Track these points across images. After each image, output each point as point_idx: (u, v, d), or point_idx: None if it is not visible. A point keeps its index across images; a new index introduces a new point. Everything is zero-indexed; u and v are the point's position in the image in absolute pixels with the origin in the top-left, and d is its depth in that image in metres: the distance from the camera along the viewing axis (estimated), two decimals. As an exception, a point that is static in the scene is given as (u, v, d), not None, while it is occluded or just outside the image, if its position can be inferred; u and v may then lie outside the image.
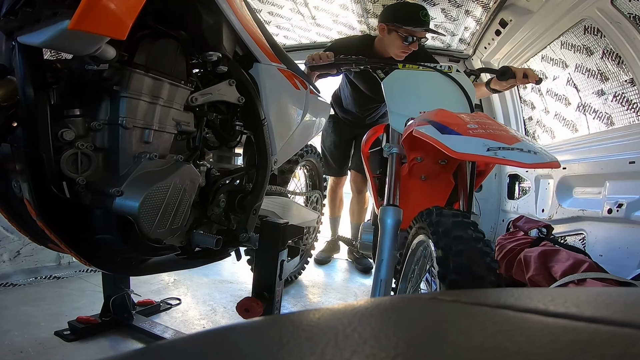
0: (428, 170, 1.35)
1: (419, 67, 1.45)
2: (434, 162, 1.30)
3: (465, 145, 0.85)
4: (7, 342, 1.26)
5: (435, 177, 1.38)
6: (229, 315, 1.71)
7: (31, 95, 0.76)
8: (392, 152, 1.29)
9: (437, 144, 0.89)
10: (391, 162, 1.27)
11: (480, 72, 1.56)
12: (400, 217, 1.15)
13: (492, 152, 0.82)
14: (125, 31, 0.71)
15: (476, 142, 0.85)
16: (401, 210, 1.16)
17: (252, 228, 1.25)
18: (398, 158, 1.28)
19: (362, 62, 1.48)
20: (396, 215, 1.15)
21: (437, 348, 0.18)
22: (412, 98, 1.39)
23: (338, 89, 2.57)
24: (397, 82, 1.43)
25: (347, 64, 1.50)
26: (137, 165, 0.91)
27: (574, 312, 0.22)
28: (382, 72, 1.47)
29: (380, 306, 0.23)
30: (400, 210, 1.16)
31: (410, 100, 1.38)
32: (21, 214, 0.93)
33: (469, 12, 2.43)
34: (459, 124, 0.93)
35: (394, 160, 1.27)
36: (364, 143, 1.77)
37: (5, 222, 0.97)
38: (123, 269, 1.04)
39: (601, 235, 1.86)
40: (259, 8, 2.70)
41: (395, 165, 1.26)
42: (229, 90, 1.14)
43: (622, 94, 1.80)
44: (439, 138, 0.89)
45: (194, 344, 0.19)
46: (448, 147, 0.86)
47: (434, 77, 1.42)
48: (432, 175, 1.37)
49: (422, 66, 1.45)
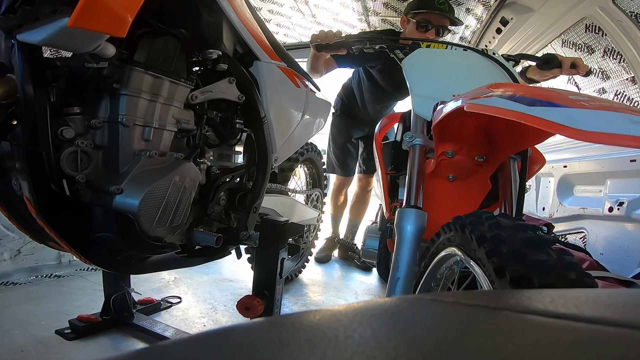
0: (459, 169, 1.11)
1: (447, 46, 1.21)
2: (469, 158, 1.05)
3: (599, 122, 0.53)
4: (7, 341, 1.26)
5: (467, 177, 1.14)
6: (230, 314, 1.71)
7: (31, 93, 0.76)
8: (414, 144, 1.05)
9: (535, 121, 0.57)
10: (413, 156, 1.04)
11: (519, 58, 1.33)
12: (424, 223, 0.94)
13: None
14: (125, 29, 0.71)
15: (618, 118, 0.53)
16: (425, 214, 0.95)
17: (253, 226, 1.25)
18: (422, 151, 1.04)
19: (377, 40, 1.29)
20: (420, 220, 0.93)
21: (438, 349, 0.18)
22: (441, 79, 1.14)
23: (349, 82, 2.46)
24: (421, 62, 1.19)
25: (361, 42, 1.30)
26: (137, 163, 0.91)
27: (574, 313, 0.22)
28: (402, 52, 1.26)
29: (380, 307, 0.23)
30: (424, 214, 0.94)
31: (439, 82, 1.12)
32: (21, 212, 0.93)
33: (469, 10, 2.42)
34: (552, 95, 0.61)
35: (417, 153, 1.04)
36: (377, 133, 1.57)
37: (6, 220, 0.97)
38: (123, 267, 1.04)
39: (602, 233, 1.86)
40: (259, 6, 2.69)
41: (419, 160, 1.03)
42: (229, 88, 1.13)
43: (623, 92, 1.80)
44: (534, 112, 0.57)
45: (194, 345, 0.19)
46: (564, 124, 0.54)
47: (467, 57, 1.19)
48: (463, 174, 1.13)
49: (451, 45, 1.21)
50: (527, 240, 0.61)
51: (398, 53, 1.27)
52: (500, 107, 0.63)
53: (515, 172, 1.02)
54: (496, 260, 0.60)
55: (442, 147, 1.04)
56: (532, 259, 0.57)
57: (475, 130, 0.98)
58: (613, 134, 0.51)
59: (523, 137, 0.90)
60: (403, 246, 0.91)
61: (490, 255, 0.62)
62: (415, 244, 0.92)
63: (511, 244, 0.61)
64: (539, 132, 0.79)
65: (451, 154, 1.04)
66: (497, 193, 1.07)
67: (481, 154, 1.04)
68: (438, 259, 0.86)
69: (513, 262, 0.58)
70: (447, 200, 1.16)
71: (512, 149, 0.99)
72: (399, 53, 1.26)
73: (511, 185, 1.01)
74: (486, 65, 1.15)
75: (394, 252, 0.94)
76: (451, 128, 0.85)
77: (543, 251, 0.59)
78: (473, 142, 0.88)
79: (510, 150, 1.00)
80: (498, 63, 1.15)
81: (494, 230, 0.65)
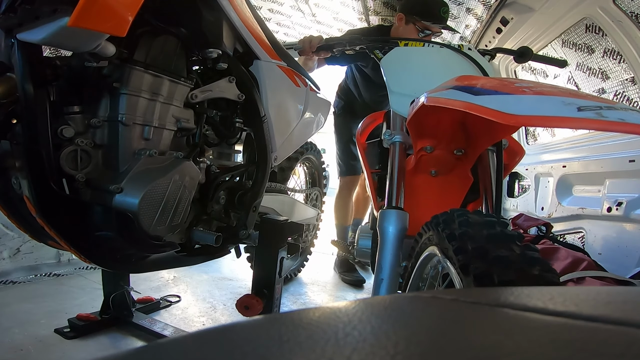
0: (440, 163, 1.11)
1: (424, 44, 1.23)
2: (448, 152, 1.06)
3: (531, 105, 0.54)
4: (7, 340, 1.26)
5: (449, 171, 1.14)
6: (229, 313, 1.72)
7: (30, 92, 0.76)
8: (394, 141, 1.06)
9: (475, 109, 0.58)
10: (393, 154, 1.05)
11: (495, 52, 1.36)
12: (406, 223, 0.94)
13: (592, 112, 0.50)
14: (125, 28, 0.71)
15: (550, 101, 0.54)
16: (407, 214, 0.94)
17: (252, 225, 1.25)
18: (402, 148, 1.06)
19: (356, 41, 1.30)
20: (400, 221, 0.93)
21: (437, 346, 0.18)
22: (417, 77, 1.15)
23: (344, 81, 2.47)
24: (398, 60, 1.20)
25: (340, 45, 1.32)
26: (136, 162, 0.91)
27: (573, 311, 0.22)
28: (381, 52, 1.27)
29: (380, 304, 0.23)
30: (405, 215, 0.94)
31: (415, 79, 1.14)
32: (21, 211, 0.93)
33: (470, 10, 2.42)
34: (500, 84, 0.64)
35: (396, 150, 1.05)
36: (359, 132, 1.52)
37: (5, 219, 0.97)
38: (123, 266, 1.04)
39: (600, 233, 1.86)
40: (259, 5, 2.69)
41: (399, 157, 1.04)
42: (229, 87, 1.13)
43: (623, 92, 1.80)
44: (476, 100, 0.60)
45: (193, 343, 0.19)
46: (498, 110, 0.55)
47: (442, 54, 1.20)
48: (444, 169, 1.13)
49: (428, 43, 1.23)
50: (491, 236, 0.61)
51: (377, 53, 1.29)
52: (451, 99, 0.65)
53: (494, 164, 1.03)
54: (462, 257, 0.61)
55: (421, 143, 1.05)
56: (494, 255, 0.57)
57: (451, 124, 0.98)
58: (541, 116, 0.52)
59: (495, 128, 0.91)
60: (385, 247, 0.91)
61: (457, 253, 0.62)
62: (398, 245, 0.91)
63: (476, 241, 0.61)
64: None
65: (430, 149, 1.05)
66: None
67: (459, 147, 1.04)
68: (422, 258, 0.85)
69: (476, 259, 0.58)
70: (431, 196, 1.16)
71: (487, 141, 0.99)
72: (378, 53, 1.28)
73: (490, 177, 1.03)
74: (459, 61, 1.17)
75: (377, 252, 0.93)
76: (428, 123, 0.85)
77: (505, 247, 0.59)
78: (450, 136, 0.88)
79: (486, 142, 1.00)
80: (472, 60, 1.17)
81: (462, 228, 0.65)
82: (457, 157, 1.07)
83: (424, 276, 0.88)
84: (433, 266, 0.84)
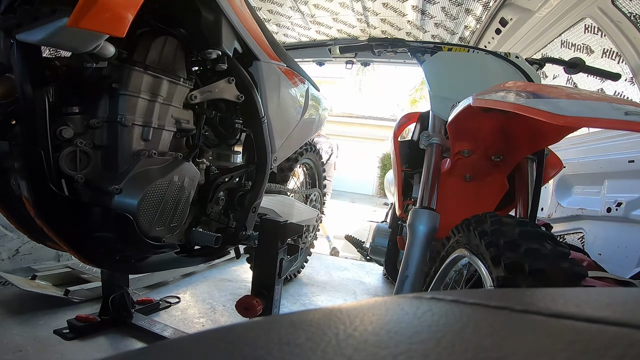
0: (476, 168, 1.10)
1: (469, 50, 1.22)
2: (485, 158, 1.05)
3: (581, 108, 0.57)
4: (6, 341, 1.26)
5: (484, 177, 1.13)
6: (228, 314, 1.71)
7: (30, 93, 0.76)
8: (431, 143, 1.07)
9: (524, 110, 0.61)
10: (430, 155, 1.06)
11: (545, 62, 1.32)
12: (437, 224, 0.95)
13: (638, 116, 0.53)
14: (125, 29, 0.71)
15: (600, 106, 0.57)
16: (438, 216, 0.96)
17: (252, 226, 1.25)
18: (439, 150, 1.06)
19: (399, 43, 1.30)
20: (432, 221, 0.94)
21: (438, 347, 0.18)
22: (459, 81, 1.15)
23: None
24: (440, 65, 1.21)
25: (383, 46, 1.32)
26: (136, 163, 0.91)
27: (574, 312, 0.22)
28: (423, 55, 1.27)
29: (380, 306, 0.23)
30: (437, 215, 0.96)
31: (457, 84, 1.14)
32: (20, 211, 0.92)
33: (469, 11, 2.43)
34: (550, 90, 0.66)
35: (433, 152, 1.06)
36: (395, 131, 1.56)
37: (4, 220, 0.96)
38: (122, 267, 1.04)
39: (600, 234, 1.86)
40: (259, 6, 2.69)
41: (435, 159, 1.05)
42: (228, 88, 1.13)
43: (622, 93, 1.80)
44: (526, 102, 0.62)
45: (193, 344, 0.19)
46: (547, 111, 0.58)
47: (486, 60, 1.19)
48: (480, 174, 1.12)
49: (473, 49, 1.22)
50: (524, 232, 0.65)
51: (420, 56, 1.28)
52: (499, 100, 0.67)
53: (533, 173, 1.02)
54: (493, 250, 0.65)
55: (459, 146, 1.04)
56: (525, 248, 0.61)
57: (492, 130, 0.98)
58: (590, 118, 0.56)
59: (539, 136, 0.91)
60: (414, 246, 0.93)
61: (489, 247, 0.66)
62: (427, 244, 0.93)
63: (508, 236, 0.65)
64: (554, 131, 0.82)
65: (467, 153, 1.04)
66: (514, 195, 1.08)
67: (498, 153, 1.02)
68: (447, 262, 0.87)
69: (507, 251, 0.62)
70: (463, 200, 1.16)
71: (528, 148, 0.99)
72: (421, 56, 1.28)
73: (527, 186, 1.02)
74: (504, 68, 1.16)
75: (405, 250, 0.95)
76: (468, 127, 0.87)
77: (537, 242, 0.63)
78: (490, 141, 0.89)
79: (526, 150, 1.00)
80: (517, 67, 1.15)
81: (494, 226, 0.69)
82: (494, 164, 1.05)
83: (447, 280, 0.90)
84: (457, 270, 0.86)
